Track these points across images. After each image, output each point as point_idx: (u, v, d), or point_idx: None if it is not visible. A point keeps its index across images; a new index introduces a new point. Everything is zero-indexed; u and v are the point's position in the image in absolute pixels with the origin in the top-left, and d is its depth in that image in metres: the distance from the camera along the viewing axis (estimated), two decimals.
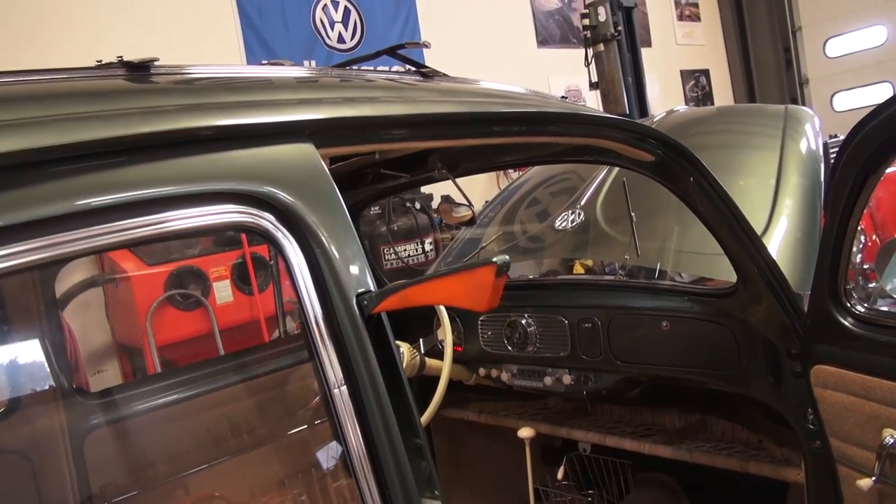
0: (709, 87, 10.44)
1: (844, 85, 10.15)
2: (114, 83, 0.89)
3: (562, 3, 8.51)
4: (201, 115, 0.83)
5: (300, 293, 0.86)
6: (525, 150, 1.75)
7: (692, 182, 1.59)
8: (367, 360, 0.87)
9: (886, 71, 9.81)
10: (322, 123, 0.95)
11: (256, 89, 0.97)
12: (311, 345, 0.86)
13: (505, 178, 6.63)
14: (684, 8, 10.30)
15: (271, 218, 0.85)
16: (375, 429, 0.86)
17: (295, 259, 0.86)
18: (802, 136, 2.44)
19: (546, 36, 8.31)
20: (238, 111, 0.88)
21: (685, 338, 1.95)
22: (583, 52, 6.44)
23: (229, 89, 0.94)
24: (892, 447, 1.42)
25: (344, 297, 0.87)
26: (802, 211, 2.10)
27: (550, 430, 2.55)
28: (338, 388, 0.85)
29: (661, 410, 2.52)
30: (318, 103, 0.98)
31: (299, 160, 0.91)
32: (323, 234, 0.87)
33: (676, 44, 10.11)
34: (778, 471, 2.01)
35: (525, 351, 2.30)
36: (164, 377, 2.54)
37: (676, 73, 10.03)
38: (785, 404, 1.79)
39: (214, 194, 0.81)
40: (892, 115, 1.32)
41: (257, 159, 0.86)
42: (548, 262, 3.37)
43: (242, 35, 5.87)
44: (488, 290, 0.80)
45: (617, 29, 6.26)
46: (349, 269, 0.89)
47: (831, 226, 1.48)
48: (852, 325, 1.50)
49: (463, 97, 1.21)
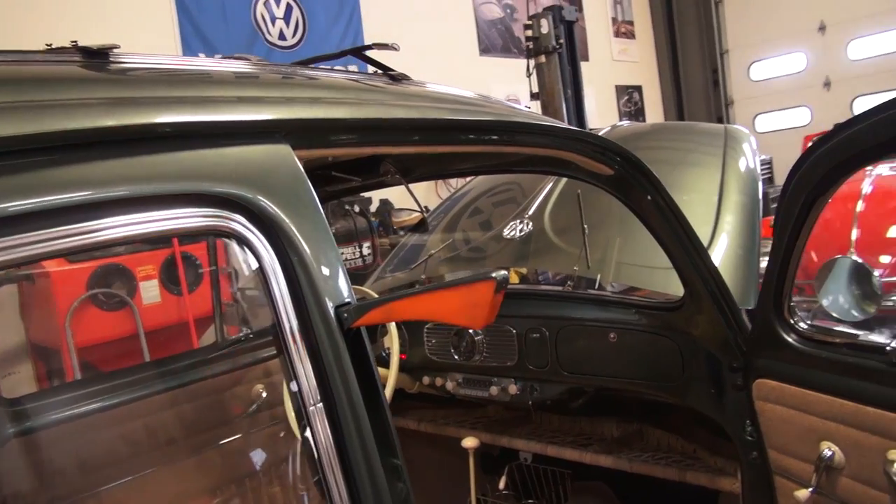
0: (641, 103, 10.78)
1: (766, 107, 10.69)
2: (71, 70, 0.81)
3: (504, 13, 8.61)
4: (172, 110, 0.77)
5: (275, 303, 0.80)
6: (484, 158, 1.74)
7: (648, 197, 1.61)
8: (346, 377, 0.82)
9: (804, 96, 10.40)
10: (300, 124, 0.90)
11: (230, 85, 0.91)
12: (286, 359, 0.80)
13: (445, 186, 6.63)
14: (621, 25, 10.60)
15: (247, 223, 0.79)
16: (352, 449, 0.80)
17: (271, 267, 0.81)
18: (741, 154, 2.52)
19: (488, 44, 8.39)
20: (212, 107, 0.81)
21: (632, 350, 1.98)
22: (523, 62, 6.53)
23: (201, 83, 0.88)
24: (829, 460, 1.48)
25: (322, 310, 0.82)
26: (742, 228, 2.17)
27: (492, 439, 2.54)
28: (313, 406, 0.80)
29: (599, 420, 2.55)
30: (295, 102, 0.92)
31: (276, 162, 0.85)
32: (301, 241, 0.82)
33: (612, 60, 10.39)
34: (714, 480, 2.07)
35: (471, 360, 2.29)
36: (90, 382, 2.39)
37: (612, 88, 10.31)
38: (724, 416, 1.84)
39: (186, 196, 0.75)
40: (841, 141, 1.37)
41: (232, 159, 0.80)
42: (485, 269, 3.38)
43: (179, 26, 5.65)
44: (486, 306, 0.77)
45: (559, 42, 6.38)
46: (328, 279, 0.84)
47: (779, 245, 1.53)
48: (795, 341, 1.56)
49: (436, 103, 1.18)
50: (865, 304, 1.67)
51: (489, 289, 0.76)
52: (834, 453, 1.47)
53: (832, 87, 10.10)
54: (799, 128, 9.98)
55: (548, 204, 2.61)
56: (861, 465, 1.42)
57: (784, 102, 10.59)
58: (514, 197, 3.03)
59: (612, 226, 2.40)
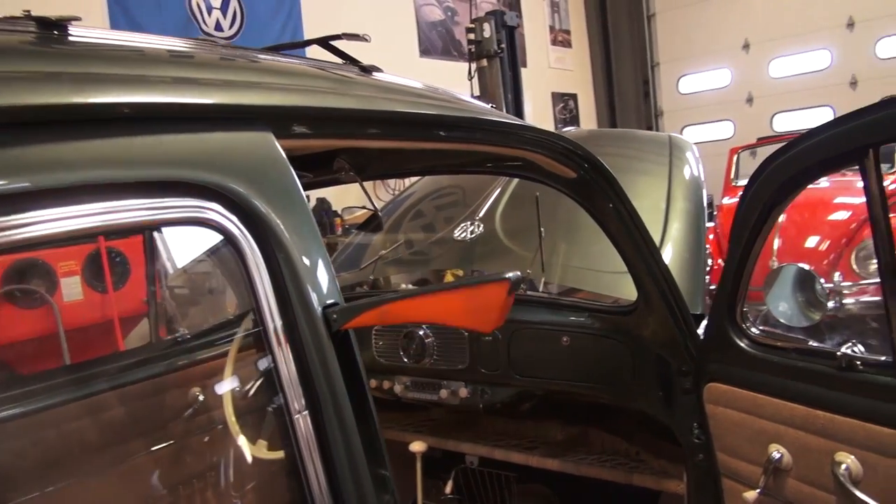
0: (576, 111, 11.01)
1: (693, 119, 11.10)
2: (27, 41, 0.73)
3: (445, 15, 8.61)
4: (148, 90, 0.70)
5: (259, 303, 0.74)
6: (445, 156, 1.71)
7: (609, 203, 1.62)
8: (333, 383, 0.76)
9: (728, 110, 10.87)
10: (284, 111, 0.84)
11: (208, 67, 0.84)
12: (272, 364, 0.74)
13: (384, 187, 6.55)
14: (558, 34, 10.79)
15: (230, 214, 0.72)
16: (339, 461, 0.75)
17: (254, 264, 0.74)
18: (686, 163, 2.59)
19: (429, 46, 8.37)
20: (190, 89, 0.74)
21: (584, 353, 2.00)
22: (463, 65, 6.55)
23: (176, 64, 0.80)
24: (777, 462, 1.52)
25: (308, 310, 0.76)
26: (689, 234, 2.23)
27: (437, 442, 2.52)
28: (299, 415, 0.74)
29: (544, 422, 2.57)
30: (278, 89, 0.86)
31: (259, 151, 0.79)
32: (287, 236, 0.76)
33: (549, 67, 10.57)
34: (660, 482, 2.11)
35: (421, 363, 2.25)
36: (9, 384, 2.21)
37: (548, 94, 10.48)
38: (673, 419, 1.87)
39: (164, 184, 0.68)
40: (796, 154, 1.42)
41: (213, 146, 0.73)
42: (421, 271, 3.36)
43: (108, 10, 5.37)
44: (497, 309, 0.72)
45: (500, 46, 6.43)
46: (316, 278, 0.78)
47: (734, 252, 1.57)
48: (747, 346, 1.59)
49: (414, 97, 1.14)
50: (810, 310, 1.74)
51: (502, 290, 0.72)
52: (782, 455, 1.51)
53: (754, 102, 10.59)
54: (723, 140, 10.40)
55: (499, 206, 2.60)
56: (808, 467, 1.46)
57: (710, 115, 11.03)
58: (457, 201, 3.02)
59: (560, 229, 2.42)
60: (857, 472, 1.35)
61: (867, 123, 1.26)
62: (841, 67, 9.74)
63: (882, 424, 1.31)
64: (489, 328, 0.76)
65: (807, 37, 9.89)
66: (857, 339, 1.37)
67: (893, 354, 1.30)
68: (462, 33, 8.06)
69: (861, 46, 9.53)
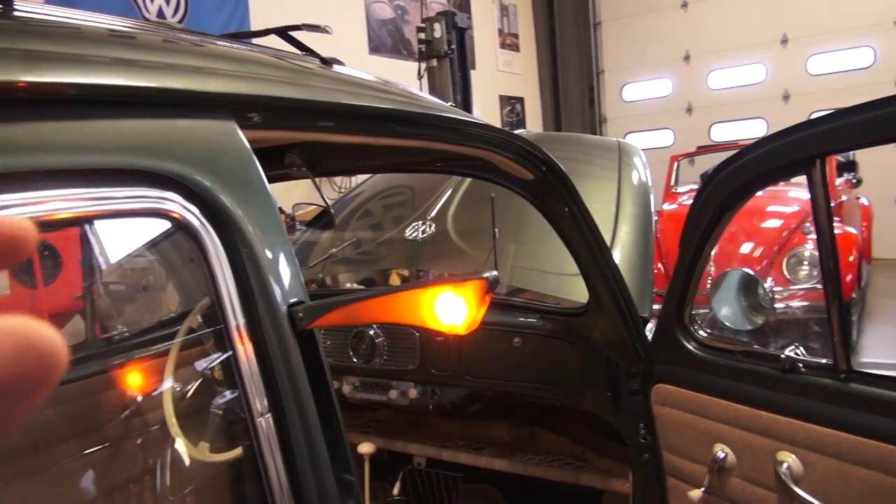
0: (523, 114, 11.12)
1: (635, 127, 11.38)
2: None
3: (396, 13, 8.57)
4: (104, 71, 0.65)
5: (220, 300, 0.70)
6: (400, 154, 1.68)
7: (565, 207, 1.63)
8: (298, 384, 0.73)
9: (668, 119, 11.19)
10: (248, 100, 0.80)
11: (167, 50, 0.79)
12: (233, 364, 0.70)
13: (330, 185, 6.47)
14: (506, 37, 10.89)
15: (190, 206, 0.68)
16: (302, 465, 0.72)
17: (216, 258, 0.70)
18: (634, 168, 2.64)
19: (378, 43, 8.32)
20: (148, 72, 0.70)
21: (535, 354, 2.01)
22: (413, 64, 6.53)
23: (133, 47, 0.75)
24: (722, 461, 1.56)
25: (272, 308, 0.73)
26: (638, 238, 2.27)
27: (385, 443, 2.49)
28: (262, 418, 0.71)
29: (491, 423, 2.57)
30: (242, 77, 0.82)
31: (222, 140, 0.75)
32: (251, 231, 0.72)
33: (497, 70, 10.65)
34: (606, 481, 2.14)
35: (371, 363, 2.22)
36: None
37: (496, 97, 10.56)
38: (620, 419, 1.90)
39: (119, 172, 0.64)
40: (747, 162, 1.46)
41: (173, 133, 0.69)
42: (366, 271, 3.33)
43: None
44: (474, 309, 0.71)
45: (451, 47, 6.43)
46: (281, 274, 0.75)
47: (685, 256, 1.61)
48: (695, 348, 1.63)
49: (379, 92, 1.12)
50: (753, 314, 1.79)
51: (480, 290, 0.71)
52: (727, 455, 1.56)
53: (693, 112, 10.93)
54: (663, 148, 10.69)
55: (451, 206, 2.60)
56: (752, 466, 1.51)
57: (651, 123, 11.33)
58: (406, 201, 3.00)
59: (510, 231, 2.43)
60: (797, 470, 1.40)
61: (814, 135, 1.31)
62: (775, 81, 10.16)
63: (822, 424, 1.36)
64: (465, 329, 0.74)
65: (744, 51, 10.27)
66: (800, 341, 1.42)
67: (834, 357, 1.35)
68: (412, 32, 8.04)
69: (794, 62, 9.96)
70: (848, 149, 1.38)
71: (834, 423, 1.33)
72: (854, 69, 9.48)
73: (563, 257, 1.88)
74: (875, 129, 1.19)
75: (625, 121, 11.54)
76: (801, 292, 5.01)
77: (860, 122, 1.21)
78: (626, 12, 11.33)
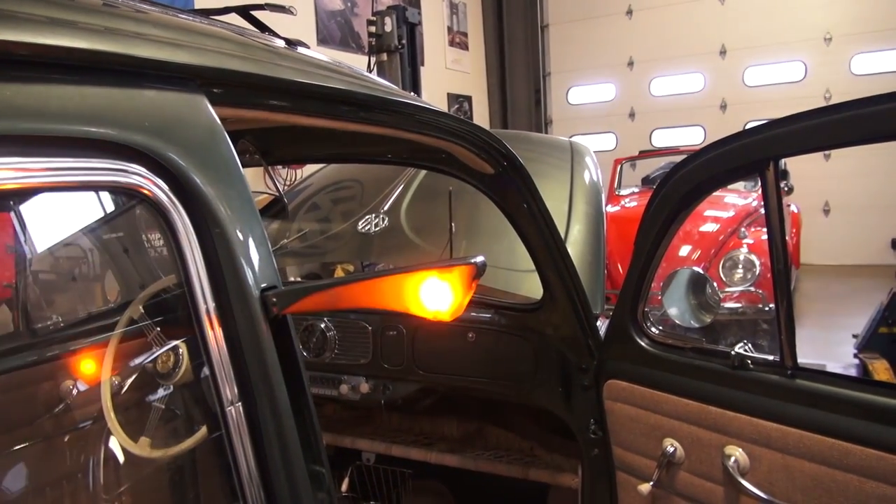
0: (470, 113, 11.16)
1: (580, 130, 11.57)
2: None
3: (345, 5, 8.47)
4: (69, 34, 0.60)
5: (190, 282, 0.66)
6: (358, 142, 1.65)
7: (524, 202, 1.63)
8: (269, 372, 0.70)
9: (612, 123, 11.44)
10: (220, 74, 0.76)
11: (136, 20, 0.74)
12: (202, 351, 0.66)
13: (275, 177, 6.34)
14: (455, 35, 10.91)
15: (160, 181, 0.64)
16: (273, 456, 0.69)
17: (185, 238, 0.67)
18: (585, 168, 2.67)
19: (327, 35, 8.20)
20: (116, 39, 0.65)
21: (489, 349, 2.01)
22: (362, 58, 6.47)
23: (105, 14, 0.70)
24: (671, 455, 1.60)
25: (244, 292, 0.69)
26: (590, 237, 2.30)
27: (334, 439, 2.46)
28: (231, 406, 0.67)
29: (441, 419, 2.57)
30: (212, 50, 0.78)
31: (192, 114, 0.71)
32: (223, 211, 0.68)
33: (446, 67, 10.65)
34: (555, 476, 2.16)
35: (322, 357, 2.18)
36: None
37: (444, 95, 10.56)
38: (571, 414, 1.92)
39: (80, 141, 0.59)
40: (701, 163, 1.50)
41: (143, 103, 0.65)
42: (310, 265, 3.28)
43: None
44: (460, 296, 0.69)
45: (401, 42, 6.39)
46: (253, 257, 0.71)
47: (639, 256, 1.63)
48: (648, 345, 1.67)
49: (342, 76, 1.09)
50: (702, 313, 1.84)
51: (467, 276, 0.69)
52: (676, 449, 1.59)
53: (636, 117, 11.20)
54: (606, 151, 10.92)
55: (404, 200, 2.57)
56: (700, 460, 1.55)
57: (595, 127, 11.55)
58: (356, 195, 2.97)
59: (463, 225, 2.43)
60: (744, 463, 1.44)
61: (768, 138, 1.35)
62: (712, 91, 10.51)
63: (768, 419, 1.40)
64: (450, 316, 0.72)
65: (684, 60, 10.59)
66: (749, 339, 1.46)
67: (781, 354, 1.40)
68: (362, 25, 7.95)
69: (731, 73, 10.33)
70: (801, 152, 1.43)
71: (780, 418, 1.38)
72: (786, 82, 9.91)
73: (517, 253, 1.89)
74: (827, 134, 1.24)
75: (570, 123, 11.74)
76: (736, 294, 5.20)
77: (813, 126, 1.25)
78: (573, 16, 11.51)
